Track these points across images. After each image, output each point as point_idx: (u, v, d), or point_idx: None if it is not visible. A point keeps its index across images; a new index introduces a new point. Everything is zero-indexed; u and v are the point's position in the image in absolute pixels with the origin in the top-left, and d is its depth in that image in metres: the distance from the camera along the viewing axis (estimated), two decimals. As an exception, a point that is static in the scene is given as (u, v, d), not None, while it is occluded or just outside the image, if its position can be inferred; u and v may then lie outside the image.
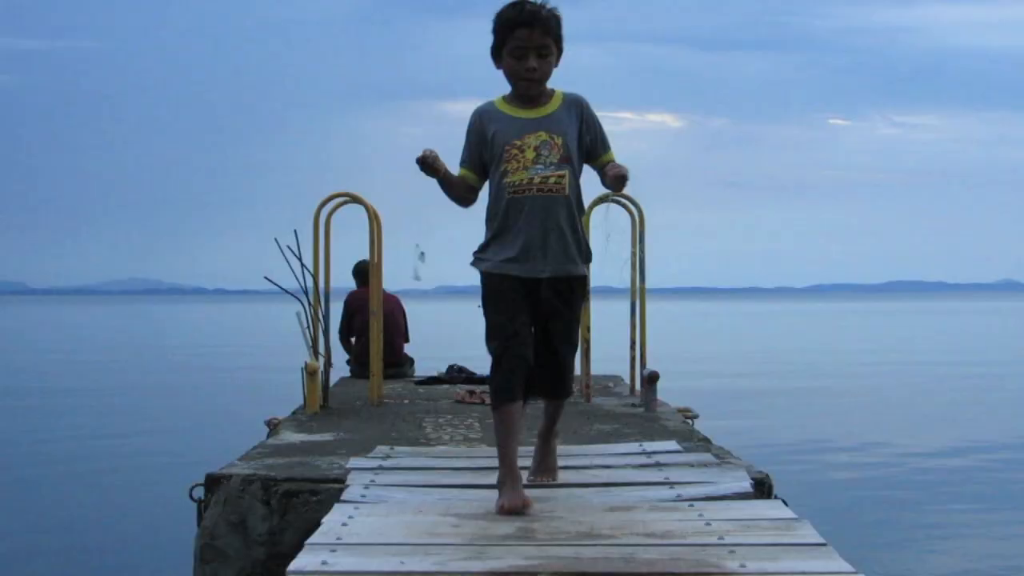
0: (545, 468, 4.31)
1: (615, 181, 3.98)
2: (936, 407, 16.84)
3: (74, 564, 7.17)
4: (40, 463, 11.28)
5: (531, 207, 3.95)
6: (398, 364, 9.36)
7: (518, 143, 3.97)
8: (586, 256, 4.16)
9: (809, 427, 14.15)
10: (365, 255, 8.13)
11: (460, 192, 4.09)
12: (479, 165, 4.07)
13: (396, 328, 9.32)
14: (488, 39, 4.08)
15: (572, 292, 4.07)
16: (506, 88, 4.11)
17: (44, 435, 13.41)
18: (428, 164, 3.92)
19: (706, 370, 21.61)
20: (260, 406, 8.93)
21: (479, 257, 4.07)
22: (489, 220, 4.06)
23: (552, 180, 3.96)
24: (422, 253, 3.76)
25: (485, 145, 4.04)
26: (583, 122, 4.07)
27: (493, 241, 4.03)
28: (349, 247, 8.12)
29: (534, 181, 3.95)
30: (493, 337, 3.95)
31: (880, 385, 20.19)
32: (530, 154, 3.96)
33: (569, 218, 4.01)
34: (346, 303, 9.52)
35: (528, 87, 4.03)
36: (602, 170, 4.09)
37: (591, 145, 4.09)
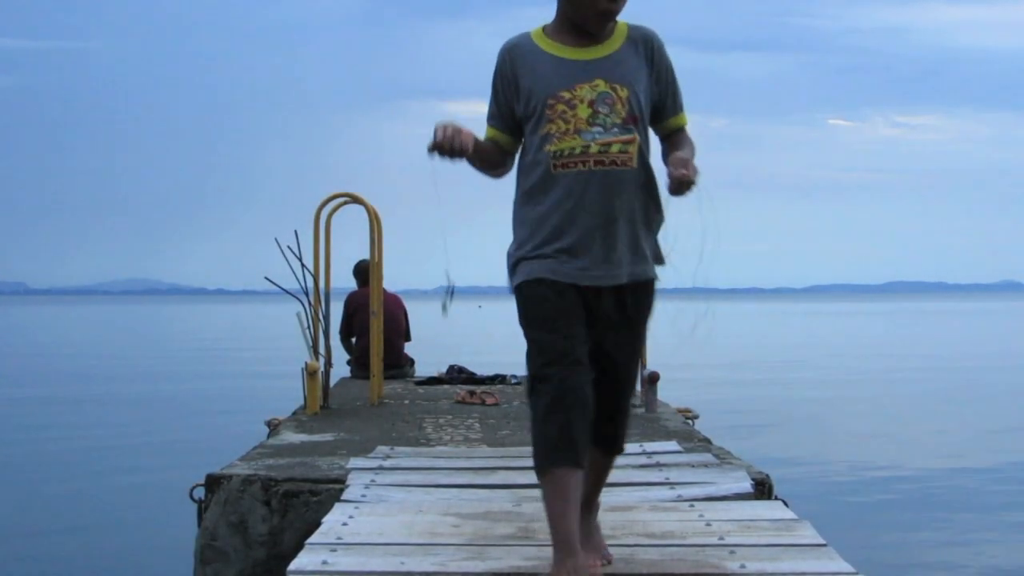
0: (592, 546, 3.08)
1: (678, 185, 2.89)
2: (937, 407, 16.84)
3: (74, 564, 7.17)
4: (40, 463, 11.28)
5: (586, 187, 2.91)
6: (398, 365, 9.35)
7: (566, 95, 2.94)
8: (657, 254, 3.08)
9: (809, 427, 14.15)
10: (366, 255, 8.13)
11: (492, 160, 3.08)
12: (511, 122, 3.04)
13: (397, 329, 9.32)
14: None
15: (640, 306, 3.04)
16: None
17: (44, 435, 13.40)
18: (450, 148, 2.87)
19: (706, 371, 21.60)
20: (260, 406, 8.93)
21: (520, 259, 3.00)
22: (522, 203, 3.02)
23: (615, 149, 2.91)
24: (452, 289, 3.34)
25: (517, 96, 3.01)
26: (655, 68, 3.02)
27: (531, 235, 2.98)
28: (349, 247, 8.12)
29: (590, 150, 2.91)
30: (541, 364, 2.89)
31: (880, 385, 20.19)
32: (583, 111, 2.93)
33: (640, 202, 2.98)
34: (346, 303, 9.52)
35: (601, 22, 2.98)
36: (666, 144, 3.09)
37: (659, 101, 3.04)
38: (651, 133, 3.09)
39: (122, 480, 10.22)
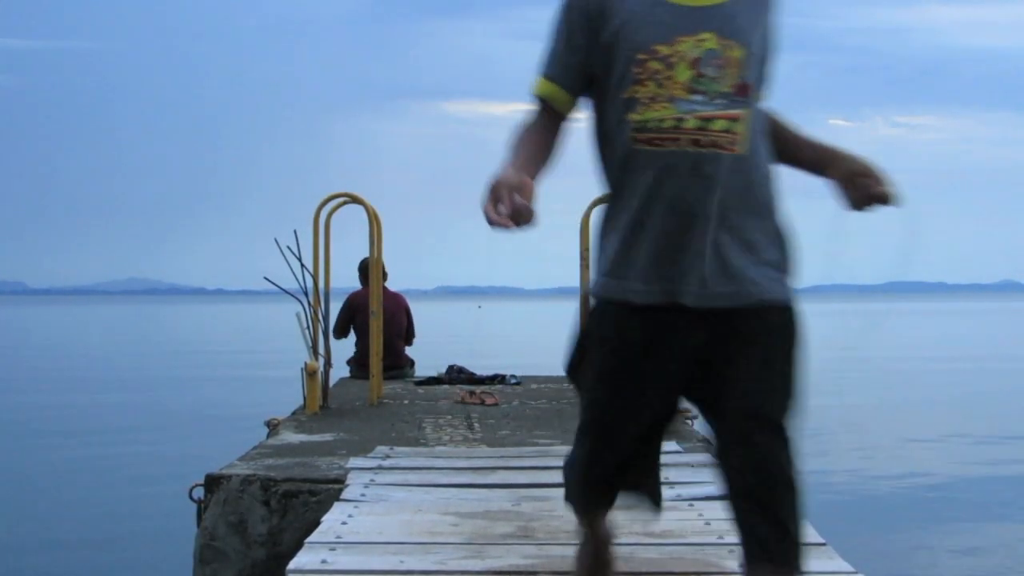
0: None
1: (866, 202, 2.33)
2: (937, 407, 16.84)
3: (74, 564, 7.17)
4: (40, 463, 11.27)
5: (674, 172, 2.23)
6: (398, 366, 9.34)
7: (663, 50, 2.23)
8: (786, 262, 2.33)
9: (808, 427, 14.13)
10: (366, 255, 8.13)
11: (547, 160, 2.36)
12: (579, 76, 2.32)
13: (397, 329, 9.30)
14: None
15: (755, 334, 2.26)
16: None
17: (44, 435, 13.40)
18: (516, 223, 2.11)
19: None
20: (260, 406, 8.93)
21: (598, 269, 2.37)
22: (604, 188, 2.37)
23: (719, 126, 2.23)
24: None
25: (596, 41, 2.28)
26: (767, 28, 2.35)
27: (606, 234, 2.35)
28: (349, 247, 8.13)
29: (684, 125, 2.22)
30: (585, 427, 2.44)
31: (880, 385, 20.19)
32: (682, 73, 2.23)
33: (747, 196, 2.27)
34: (348, 301, 9.47)
35: None
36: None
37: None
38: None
39: (122, 480, 10.22)
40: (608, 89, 2.29)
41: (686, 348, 2.27)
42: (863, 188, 2.32)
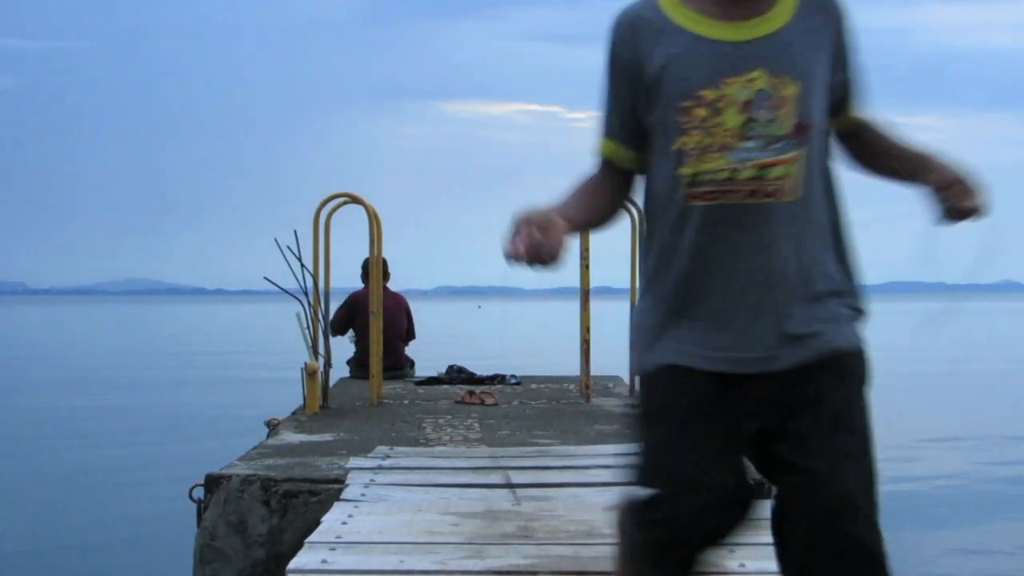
0: None
1: (956, 216, 2.15)
2: (937, 407, 16.84)
3: (74, 564, 7.18)
4: (40, 463, 11.28)
5: (732, 228, 2.07)
6: (398, 367, 9.33)
7: (709, 95, 2.07)
8: (853, 299, 2.18)
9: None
10: (365, 255, 8.13)
11: (596, 212, 2.24)
12: (636, 130, 2.16)
13: (397, 330, 9.29)
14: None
15: (824, 385, 2.09)
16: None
17: (44, 435, 13.41)
18: (538, 260, 2.00)
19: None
20: (260, 406, 8.93)
21: (647, 331, 2.17)
22: (647, 248, 2.20)
23: (776, 173, 2.06)
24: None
25: (640, 92, 2.13)
26: (838, 47, 2.15)
27: (658, 296, 2.16)
28: (349, 247, 8.13)
29: (739, 175, 2.06)
30: (650, 489, 2.11)
31: (880, 385, 20.18)
32: (732, 118, 2.06)
33: (808, 240, 2.11)
34: (350, 299, 9.45)
35: None
36: (853, 143, 2.24)
37: (840, 91, 2.17)
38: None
39: (122, 480, 10.22)
40: (656, 142, 2.13)
41: (750, 414, 2.09)
42: (954, 199, 2.15)
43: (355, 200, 7.21)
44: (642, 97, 2.14)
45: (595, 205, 2.22)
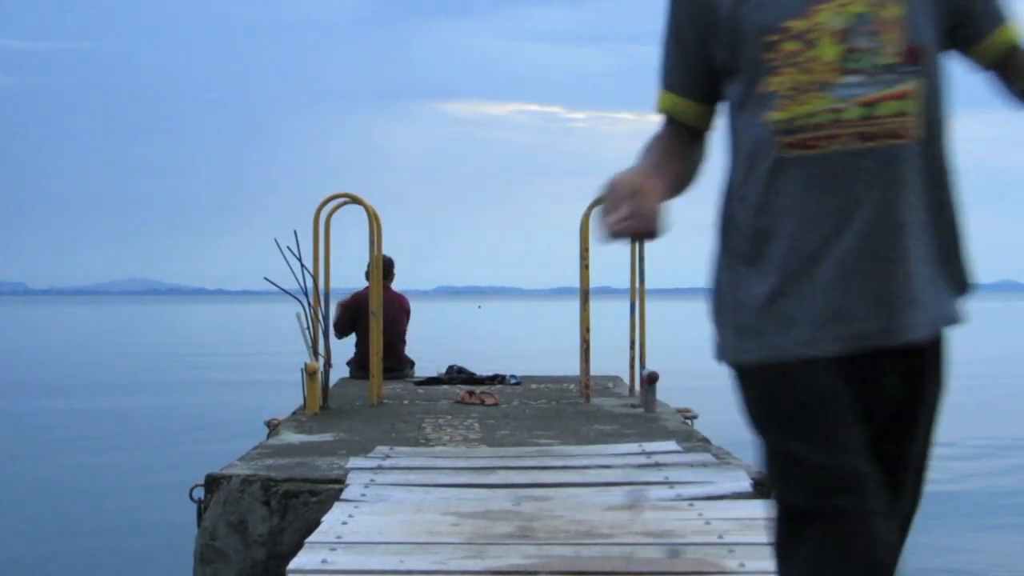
0: None
1: None
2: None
3: (74, 564, 7.18)
4: (40, 463, 11.28)
5: (843, 180, 1.76)
6: (399, 368, 9.33)
7: (798, 25, 1.78)
8: (962, 277, 1.89)
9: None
10: (365, 256, 8.13)
11: (681, 176, 1.95)
12: (705, 80, 1.90)
13: (398, 331, 9.28)
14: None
15: (939, 368, 1.90)
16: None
17: (44, 435, 13.41)
18: (646, 229, 1.73)
19: (706, 370, 21.58)
20: (260, 406, 8.93)
21: (735, 314, 1.84)
22: (729, 213, 1.88)
23: (888, 109, 1.76)
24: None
25: (711, 33, 1.86)
26: None
27: (749, 271, 1.83)
28: (349, 248, 8.13)
29: (844, 116, 1.75)
30: (804, 494, 1.76)
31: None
32: (829, 50, 1.76)
33: (932, 195, 1.82)
34: (351, 301, 9.43)
35: None
36: (1011, 75, 1.85)
37: (965, 7, 1.83)
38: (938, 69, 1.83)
39: (122, 480, 10.22)
40: (737, 88, 1.84)
41: (867, 385, 1.80)
42: None
43: (355, 200, 7.21)
44: (713, 37, 1.85)
45: (676, 167, 1.92)
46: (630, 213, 1.71)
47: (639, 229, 1.72)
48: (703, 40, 1.87)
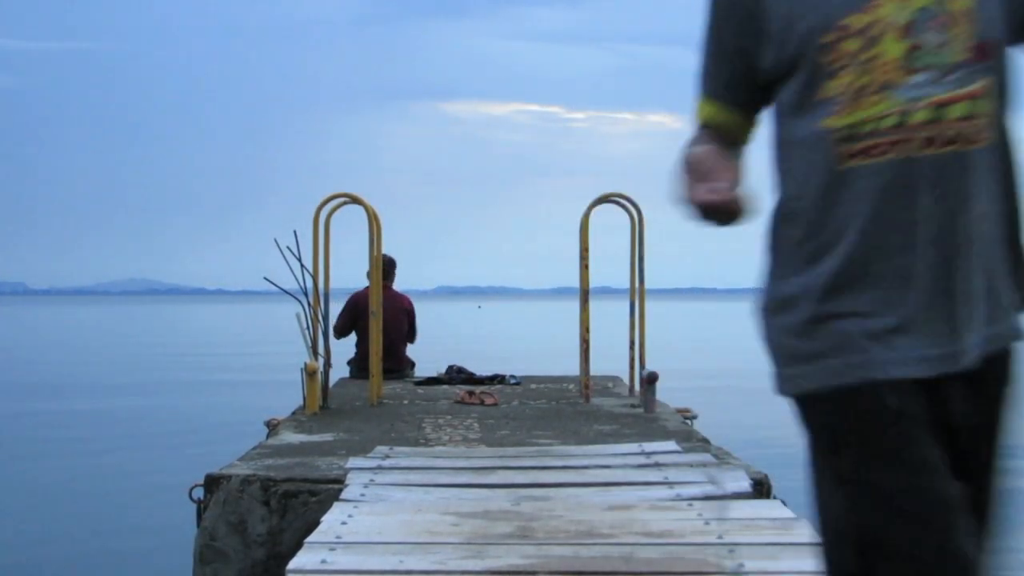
0: None
1: None
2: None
3: (74, 564, 7.18)
4: (39, 463, 11.28)
5: (908, 191, 1.62)
6: (398, 368, 9.33)
7: (857, 22, 1.64)
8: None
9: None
10: (365, 256, 8.13)
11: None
12: (748, 88, 1.77)
13: (398, 332, 9.27)
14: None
15: (1006, 385, 1.71)
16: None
17: (43, 435, 13.41)
18: (731, 211, 1.63)
19: (706, 370, 21.60)
20: (260, 406, 8.93)
21: (790, 337, 1.70)
22: (781, 228, 1.73)
23: (958, 112, 1.62)
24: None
25: (758, 36, 1.72)
26: None
27: (805, 289, 1.68)
28: (349, 248, 8.13)
29: (911, 120, 1.61)
30: (882, 525, 1.59)
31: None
32: (892, 47, 1.62)
33: (1003, 204, 1.68)
34: (350, 303, 9.41)
35: None
36: None
37: None
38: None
39: (121, 480, 10.22)
40: (789, 94, 1.69)
41: (946, 425, 1.65)
42: None
43: (355, 200, 7.22)
44: (760, 39, 1.70)
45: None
46: (718, 196, 1.59)
47: (728, 212, 1.61)
48: (748, 43, 1.73)
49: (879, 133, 1.61)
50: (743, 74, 1.76)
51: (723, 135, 1.80)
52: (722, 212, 1.62)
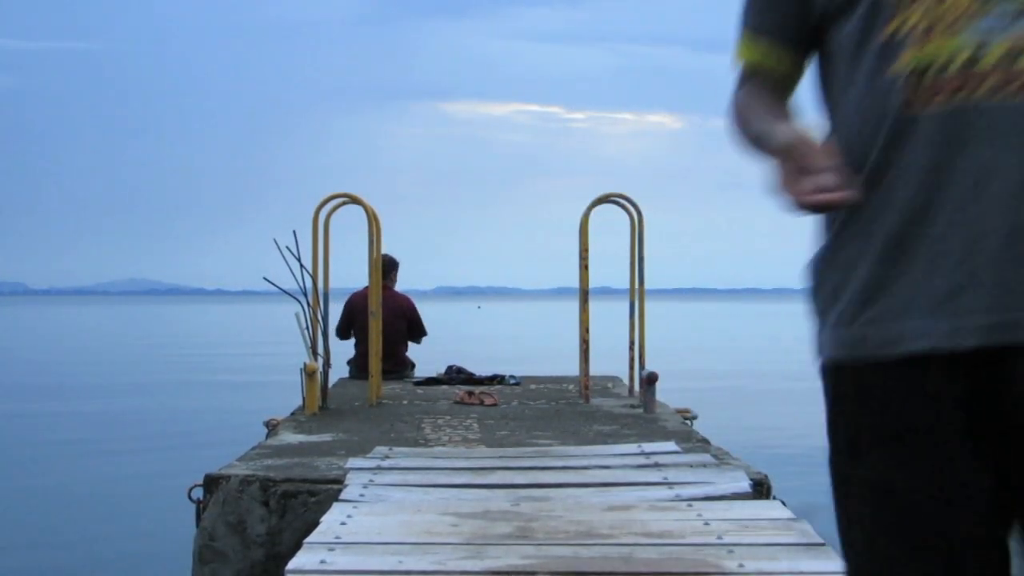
0: None
1: None
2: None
3: (73, 564, 7.17)
4: (39, 463, 11.28)
5: (977, 140, 1.43)
6: (398, 370, 9.32)
7: None
8: None
9: (808, 428, 14.12)
10: (364, 256, 8.13)
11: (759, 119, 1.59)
12: (801, 27, 1.60)
13: (397, 333, 9.25)
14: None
15: None
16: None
17: (43, 435, 13.41)
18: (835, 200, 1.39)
19: (705, 371, 21.61)
20: (259, 407, 8.93)
21: (832, 299, 1.53)
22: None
23: None
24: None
25: None
26: None
27: (860, 246, 1.51)
28: (348, 248, 8.13)
29: (982, 62, 1.43)
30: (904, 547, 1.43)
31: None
32: None
33: None
34: (347, 304, 9.40)
35: None
36: None
37: None
38: None
39: (120, 480, 10.22)
40: (847, 34, 1.53)
41: (993, 389, 1.44)
42: None
43: (354, 200, 7.21)
44: None
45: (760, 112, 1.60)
46: (831, 198, 1.40)
47: (835, 203, 1.41)
48: None
49: (946, 77, 1.43)
50: (797, 10, 1.58)
51: (774, 84, 1.62)
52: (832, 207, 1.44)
